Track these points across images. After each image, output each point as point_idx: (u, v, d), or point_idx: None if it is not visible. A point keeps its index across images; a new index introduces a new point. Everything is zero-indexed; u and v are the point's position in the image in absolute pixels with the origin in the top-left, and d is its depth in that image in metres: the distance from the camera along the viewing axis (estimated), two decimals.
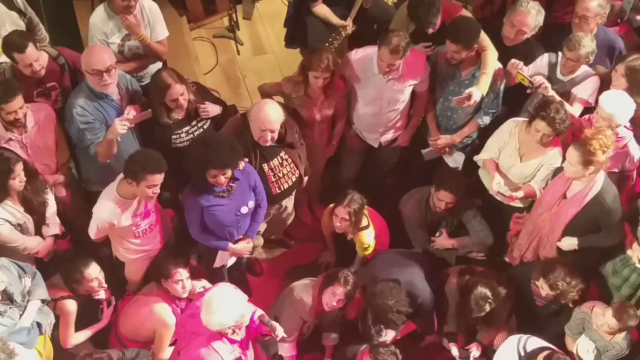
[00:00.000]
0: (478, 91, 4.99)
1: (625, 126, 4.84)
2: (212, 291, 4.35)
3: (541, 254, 4.99)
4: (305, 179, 5.30)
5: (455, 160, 5.46)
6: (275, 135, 4.78)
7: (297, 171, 5.10)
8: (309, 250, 5.93)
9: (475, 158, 5.30)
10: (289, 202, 5.35)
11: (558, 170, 4.81)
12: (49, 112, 4.84)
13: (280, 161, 4.98)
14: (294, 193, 5.30)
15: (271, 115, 4.69)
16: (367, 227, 5.17)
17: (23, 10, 5.16)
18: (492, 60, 5.06)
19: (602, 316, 4.66)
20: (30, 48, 4.66)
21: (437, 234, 5.35)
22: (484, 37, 5.04)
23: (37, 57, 4.70)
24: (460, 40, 4.88)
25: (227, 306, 4.08)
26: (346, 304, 4.80)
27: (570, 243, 4.86)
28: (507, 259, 5.36)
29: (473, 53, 5.02)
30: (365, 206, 5.10)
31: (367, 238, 5.18)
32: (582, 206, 4.66)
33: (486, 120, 5.28)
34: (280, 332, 4.44)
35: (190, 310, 4.47)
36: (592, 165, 4.48)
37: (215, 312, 4.07)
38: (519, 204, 5.16)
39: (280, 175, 5.01)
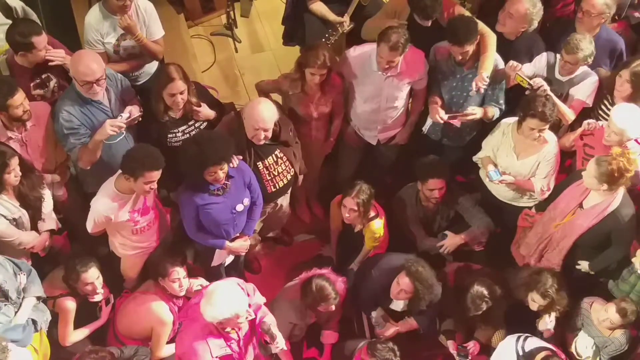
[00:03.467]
0: (484, 72, 4.99)
1: (636, 140, 4.79)
2: (219, 283, 4.38)
3: (546, 257, 4.97)
4: (301, 177, 5.29)
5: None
6: (269, 134, 4.76)
7: (292, 169, 5.09)
8: (307, 248, 5.92)
9: (474, 158, 5.31)
10: (284, 201, 5.34)
11: (574, 179, 4.79)
12: (47, 111, 4.83)
13: (275, 159, 4.97)
14: (289, 191, 5.29)
15: (264, 114, 4.67)
16: (376, 216, 5.18)
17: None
18: (492, 43, 5.05)
19: (603, 312, 4.69)
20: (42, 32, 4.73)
21: (440, 236, 5.34)
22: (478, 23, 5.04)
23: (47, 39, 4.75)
24: (462, 40, 4.87)
25: (225, 301, 4.08)
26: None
27: (583, 267, 4.92)
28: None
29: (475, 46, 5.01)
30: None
31: (378, 227, 5.19)
32: (600, 220, 4.65)
33: (495, 110, 5.22)
34: (281, 343, 4.47)
35: (197, 297, 4.47)
36: (606, 184, 4.47)
37: (212, 303, 4.09)
38: (529, 203, 5.16)
39: (275, 173, 5.00)
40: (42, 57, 4.76)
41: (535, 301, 4.78)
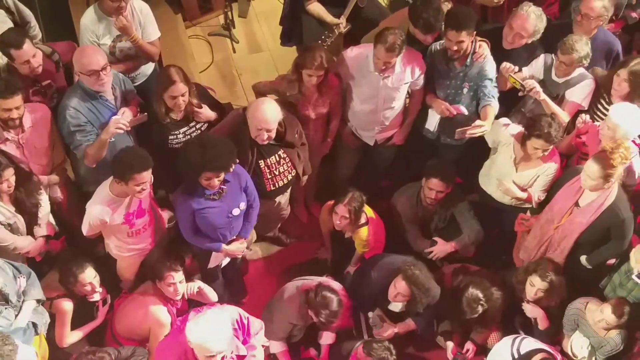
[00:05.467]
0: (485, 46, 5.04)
1: (633, 140, 4.79)
2: (218, 313, 4.37)
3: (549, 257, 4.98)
4: (305, 177, 5.31)
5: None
6: (273, 134, 4.76)
7: (294, 170, 5.10)
8: (305, 248, 5.92)
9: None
10: (282, 199, 5.34)
11: (567, 179, 4.80)
12: (46, 113, 4.83)
13: (278, 159, 4.98)
14: (288, 190, 5.31)
15: (268, 115, 4.67)
16: (366, 223, 5.20)
17: (12, 9, 5.16)
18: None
19: (599, 312, 4.68)
20: (27, 44, 4.67)
21: (430, 242, 5.36)
22: None
23: (34, 54, 4.71)
24: (461, 25, 4.84)
25: (207, 332, 4.05)
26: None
27: (582, 261, 4.92)
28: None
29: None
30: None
31: (366, 234, 5.21)
32: (598, 216, 4.65)
33: (494, 104, 5.16)
34: None
35: (198, 309, 4.52)
36: (612, 178, 4.48)
37: (197, 324, 4.10)
38: (527, 205, 5.16)
39: (277, 173, 5.01)
40: (27, 70, 4.74)
41: (534, 284, 4.78)
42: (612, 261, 5.04)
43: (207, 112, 4.98)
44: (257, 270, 5.81)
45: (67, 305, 4.69)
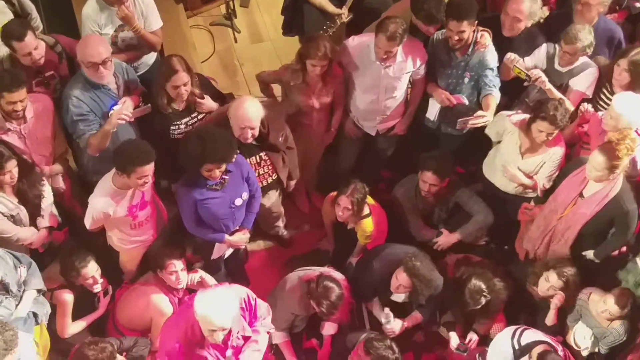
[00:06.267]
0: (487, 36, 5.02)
1: (636, 130, 4.75)
2: (228, 291, 4.35)
3: (552, 248, 4.96)
4: (293, 182, 5.31)
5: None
6: (256, 132, 4.75)
7: (275, 174, 5.10)
8: (307, 239, 5.92)
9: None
10: (266, 201, 5.28)
11: (572, 169, 4.79)
12: (48, 103, 4.83)
13: (258, 160, 4.98)
14: (272, 192, 5.29)
15: (250, 112, 4.65)
16: (368, 215, 5.19)
17: (13, 0, 5.15)
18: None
19: (602, 303, 4.67)
20: (29, 36, 4.66)
21: (436, 233, 5.35)
22: None
23: (36, 45, 4.71)
24: (463, 15, 4.83)
25: (214, 305, 4.06)
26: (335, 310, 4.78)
27: (588, 255, 4.91)
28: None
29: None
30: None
31: (369, 225, 5.20)
32: (602, 207, 4.64)
33: (495, 93, 5.15)
34: None
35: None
36: (617, 170, 4.46)
37: (206, 298, 4.10)
38: (532, 194, 5.16)
39: (256, 174, 4.98)
40: (28, 62, 4.73)
41: (549, 281, 4.77)
42: (615, 252, 5.03)
43: (209, 103, 4.98)
44: (260, 261, 5.81)
45: (68, 296, 4.69)
